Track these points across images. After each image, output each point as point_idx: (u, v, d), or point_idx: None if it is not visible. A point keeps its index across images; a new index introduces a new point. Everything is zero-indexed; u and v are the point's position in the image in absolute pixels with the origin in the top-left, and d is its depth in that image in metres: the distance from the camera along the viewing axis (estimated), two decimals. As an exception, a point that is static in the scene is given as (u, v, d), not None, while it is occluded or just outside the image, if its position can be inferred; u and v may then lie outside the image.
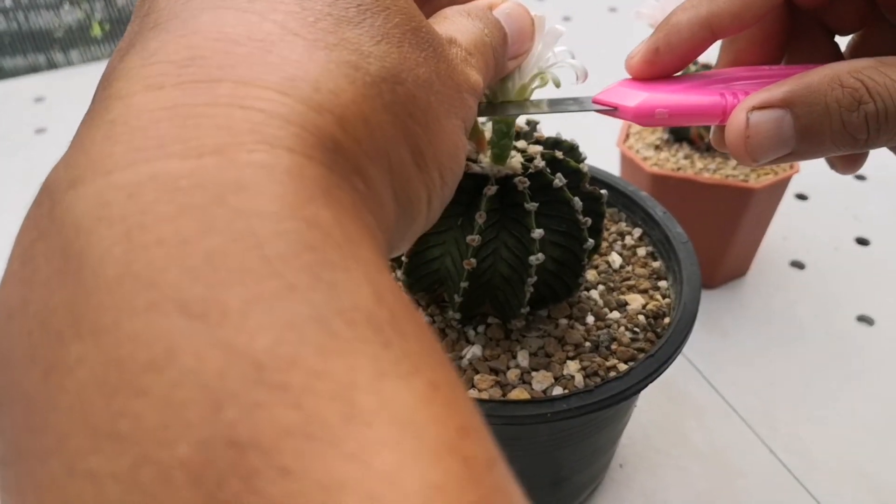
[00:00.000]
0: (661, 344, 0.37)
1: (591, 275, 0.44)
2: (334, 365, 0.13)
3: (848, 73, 0.25)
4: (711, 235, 0.60)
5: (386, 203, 0.19)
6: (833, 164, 0.33)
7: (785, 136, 0.26)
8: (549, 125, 0.41)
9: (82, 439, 0.12)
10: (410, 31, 0.21)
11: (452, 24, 0.26)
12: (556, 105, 0.31)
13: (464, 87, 0.24)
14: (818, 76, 0.26)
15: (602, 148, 0.69)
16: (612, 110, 0.30)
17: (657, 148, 0.60)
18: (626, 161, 0.60)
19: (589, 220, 0.37)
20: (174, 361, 0.12)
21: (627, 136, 0.61)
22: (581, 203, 0.37)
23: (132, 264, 0.13)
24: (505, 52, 0.28)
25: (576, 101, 0.31)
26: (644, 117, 0.29)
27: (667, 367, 0.37)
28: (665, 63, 0.30)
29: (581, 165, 0.39)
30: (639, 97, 0.29)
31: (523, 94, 0.33)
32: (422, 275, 0.39)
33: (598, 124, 0.69)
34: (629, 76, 0.31)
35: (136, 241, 0.14)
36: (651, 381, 0.36)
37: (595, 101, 0.31)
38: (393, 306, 0.15)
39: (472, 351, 0.39)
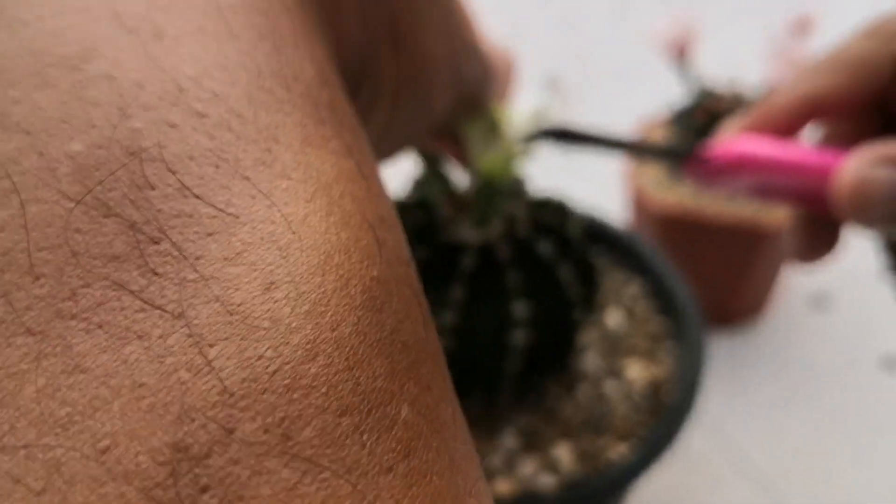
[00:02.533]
0: (658, 426, 0.34)
1: (587, 334, 0.41)
2: (259, 115, 0.12)
3: None
4: (725, 273, 0.56)
5: (350, 39, 0.18)
6: None
7: None
8: (544, 169, 0.38)
9: None
10: None
11: None
12: (637, 148, 0.29)
13: (462, 30, 0.23)
14: None
15: (605, 179, 0.66)
16: (706, 156, 0.27)
17: (666, 181, 0.56)
18: (634, 196, 0.57)
19: (579, 293, 0.34)
20: (91, 61, 0.12)
21: (636, 167, 0.58)
22: (570, 273, 0.34)
23: None
24: (490, 80, 0.28)
25: (662, 148, 0.28)
26: (744, 160, 0.27)
27: (665, 453, 0.33)
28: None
29: (570, 229, 0.35)
30: (738, 142, 0.27)
31: (508, 165, 0.30)
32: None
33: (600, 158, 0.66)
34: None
35: None
36: (647, 470, 0.33)
37: (691, 151, 0.28)
38: (335, 97, 0.14)
39: (453, 430, 0.35)
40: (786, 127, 0.27)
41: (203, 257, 0.11)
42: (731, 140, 0.27)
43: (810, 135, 0.30)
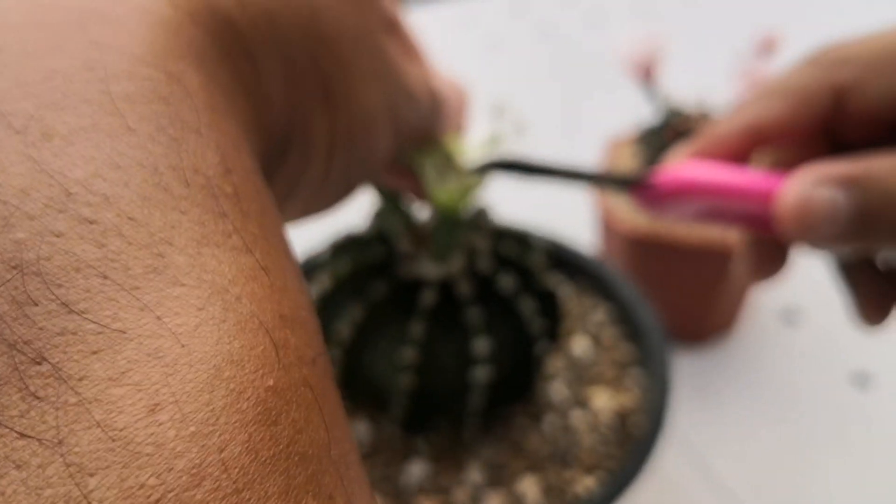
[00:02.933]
0: (626, 458, 0.34)
1: (552, 362, 0.40)
2: (154, 216, 0.12)
3: None
4: (694, 293, 0.56)
5: (274, 105, 0.18)
6: (861, 312, 0.29)
7: (840, 215, 0.24)
8: (509, 192, 0.38)
9: None
10: None
11: None
12: (583, 177, 0.28)
13: (397, 77, 0.23)
14: (884, 161, 0.24)
15: (573, 201, 0.66)
16: (650, 182, 0.27)
17: (630, 203, 0.56)
18: (602, 217, 0.56)
19: (542, 325, 0.33)
20: None
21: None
22: (532, 306, 0.33)
23: None
24: (440, 113, 0.28)
25: (606, 176, 0.28)
26: (688, 185, 0.27)
27: (631, 485, 0.33)
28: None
29: (532, 260, 0.35)
30: (680, 168, 0.27)
31: (465, 196, 0.30)
32: (358, 385, 0.35)
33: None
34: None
35: None
36: (613, 504, 0.33)
37: (634, 178, 0.28)
38: (241, 185, 0.14)
39: (418, 465, 0.35)
40: (731, 154, 0.28)
41: (86, 378, 0.10)
42: (678, 166, 0.27)
43: (757, 162, 0.30)
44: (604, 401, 0.38)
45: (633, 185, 0.28)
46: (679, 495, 0.50)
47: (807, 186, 0.24)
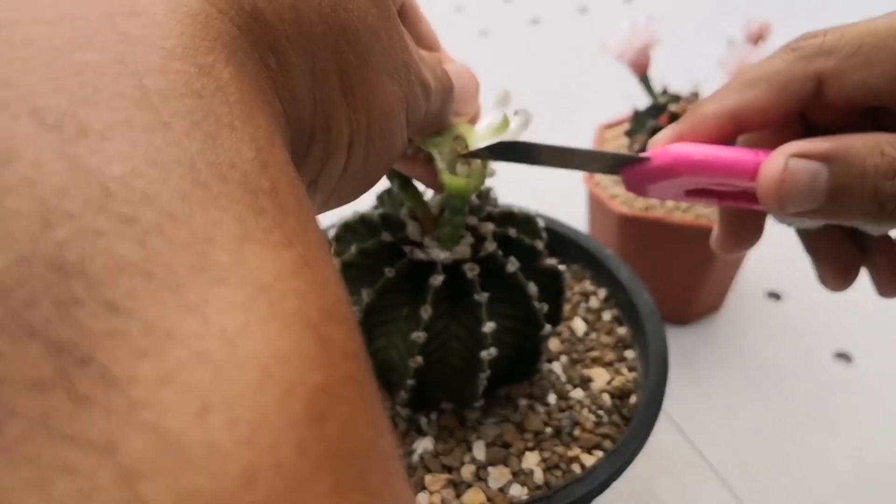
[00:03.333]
0: (625, 437, 0.35)
1: (553, 343, 0.41)
2: (194, 214, 0.12)
3: (889, 143, 0.25)
4: (683, 275, 0.57)
5: (300, 98, 0.18)
6: (824, 278, 0.31)
7: (817, 189, 0.25)
8: (507, 179, 0.38)
9: None
10: None
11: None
12: (578, 157, 0.29)
13: (412, 68, 0.23)
14: (860, 140, 0.26)
15: (567, 187, 0.66)
16: (644, 160, 0.28)
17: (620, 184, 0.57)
18: (594, 200, 0.57)
19: (545, 307, 0.34)
20: (10, 166, 0.11)
21: (595, 171, 0.58)
22: (536, 288, 0.34)
23: None
24: (451, 97, 0.28)
25: (602, 155, 0.29)
26: (681, 161, 0.27)
27: (631, 463, 0.34)
28: None
29: (536, 242, 0.36)
30: (674, 146, 0.28)
31: (474, 184, 0.30)
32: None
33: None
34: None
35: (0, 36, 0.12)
36: (614, 481, 0.34)
37: (630, 156, 0.29)
38: (277, 179, 0.14)
39: (423, 445, 0.36)
40: (714, 138, 0.29)
41: (135, 379, 0.10)
42: (669, 146, 0.29)
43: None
44: (603, 381, 0.39)
45: (626, 164, 0.29)
46: (665, 468, 0.51)
47: (789, 160, 0.26)
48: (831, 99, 0.27)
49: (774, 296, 0.64)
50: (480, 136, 0.30)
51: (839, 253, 0.30)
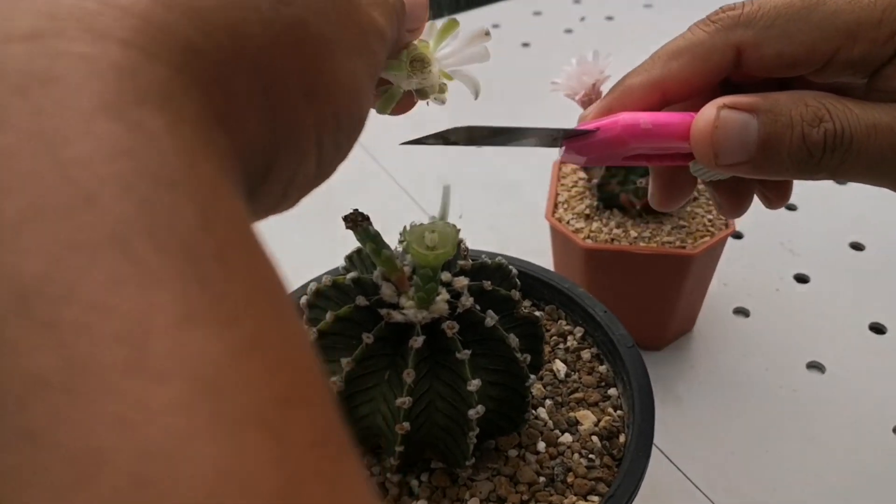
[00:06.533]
0: (620, 480, 0.34)
1: (536, 388, 0.41)
2: (127, 299, 0.11)
3: (812, 96, 0.27)
4: (654, 303, 0.57)
5: (250, 127, 0.17)
6: (766, 197, 0.33)
7: (748, 139, 0.27)
8: (468, 220, 0.38)
9: None
10: None
11: None
12: (523, 134, 0.29)
13: (368, 29, 0.22)
14: (785, 95, 0.27)
15: (529, 223, 0.67)
16: (591, 132, 0.29)
17: (587, 217, 0.57)
18: (557, 235, 0.57)
19: (528, 357, 0.34)
20: None
21: (556, 206, 0.59)
22: (517, 339, 0.34)
23: None
24: (403, 17, 0.26)
25: (546, 130, 0.30)
26: (630, 131, 0.28)
27: (629, 505, 0.34)
28: None
29: (512, 293, 0.35)
30: (618, 116, 0.29)
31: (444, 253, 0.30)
32: (352, 432, 0.35)
33: (526, 202, 0.66)
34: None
35: None
36: (614, 527, 0.33)
37: (576, 129, 0.30)
38: (224, 237, 0.13)
39: (417, 509, 0.35)
40: (641, 108, 0.30)
41: None
42: (613, 118, 0.29)
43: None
44: (590, 423, 0.39)
45: (571, 137, 0.29)
46: (658, 498, 0.51)
47: (720, 110, 0.27)
48: (750, 69, 0.29)
49: (743, 312, 0.65)
50: (436, 43, 0.29)
51: (737, 187, 0.33)
